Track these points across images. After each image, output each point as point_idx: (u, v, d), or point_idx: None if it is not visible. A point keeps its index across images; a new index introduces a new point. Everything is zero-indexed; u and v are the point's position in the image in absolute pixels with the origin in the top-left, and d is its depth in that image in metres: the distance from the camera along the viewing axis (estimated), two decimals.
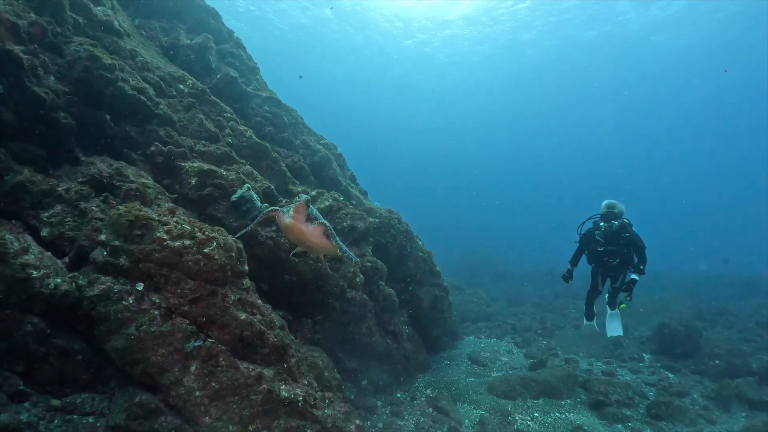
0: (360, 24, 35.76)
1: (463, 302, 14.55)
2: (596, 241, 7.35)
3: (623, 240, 7.14)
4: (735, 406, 7.54)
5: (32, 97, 3.70)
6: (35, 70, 3.74)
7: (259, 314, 3.91)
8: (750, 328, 13.21)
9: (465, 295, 15.35)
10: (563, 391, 7.60)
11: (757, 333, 12.66)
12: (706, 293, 19.34)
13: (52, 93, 3.88)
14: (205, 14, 7.52)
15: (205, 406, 3.35)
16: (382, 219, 7.80)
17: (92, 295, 3.10)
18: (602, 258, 7.43)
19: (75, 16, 4.72)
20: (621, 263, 7.38)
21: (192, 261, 3.41)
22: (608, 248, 7.26)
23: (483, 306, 14.83)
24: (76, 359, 3.18)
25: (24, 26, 3.89)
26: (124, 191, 3.84)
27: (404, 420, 6.17)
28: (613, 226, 7.06)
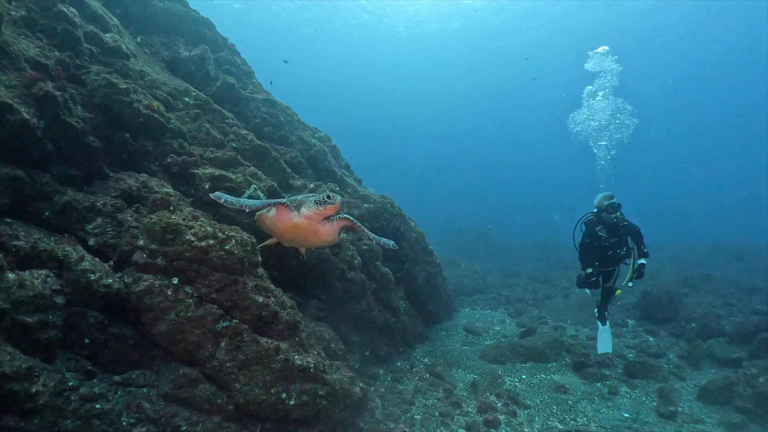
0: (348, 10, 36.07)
1: (458, 277, 15.29)
2: (599, 237, 7.31)
3: (623, 229, 7.24)
4: (706, 364, 8.26)
5: (67, 127, 4.35)
6: (67, 103, 4.38)
7: (273, 297, 4.67)
8: (731, 293, 13.99)
9: (460, 270, 16.07)
10: (549, 355, 8.38)
11: (736, 297, 13.45)
12: (694, 261, 20.18)
13: (81, 121, 4.53)
14: (200, 26, 8.02)
15: (234, 374, 4.14)
16: (376, 204, 8.46)
17: (139, 291, 3.85)
18: (608, 252, 7.38)
19: (90, 47, 5.32)
20: (626, 252, 7.44)
21: (216, 257, 4.15)
22: (612, 241, 7.29)
23: (478, 280, 15.57)
24: (128, 343, 3.93)
25: (52, 65, 4.51)
26: (151, 201, 4.54)
27: (404, 385, 6.97)
28: (620, 216, 7.11)
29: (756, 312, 11.25)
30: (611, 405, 6.74)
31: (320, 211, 3.56)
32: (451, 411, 6.25)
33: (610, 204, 7.13)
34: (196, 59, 7.19)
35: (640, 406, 6.70)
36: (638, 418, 6.35)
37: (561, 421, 6.20)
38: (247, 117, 7.71)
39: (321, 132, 9.63)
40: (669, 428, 6.12)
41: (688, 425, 6.20)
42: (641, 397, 7.04)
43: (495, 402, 6.60)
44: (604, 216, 7.21)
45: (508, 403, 6.59)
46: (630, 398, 6.99)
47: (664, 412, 6.41)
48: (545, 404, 6.66)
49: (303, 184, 7.11)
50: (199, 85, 7.17)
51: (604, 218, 7.22)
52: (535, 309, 12.50)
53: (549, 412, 6.45)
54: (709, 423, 6.28)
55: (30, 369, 3.13)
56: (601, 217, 7.29)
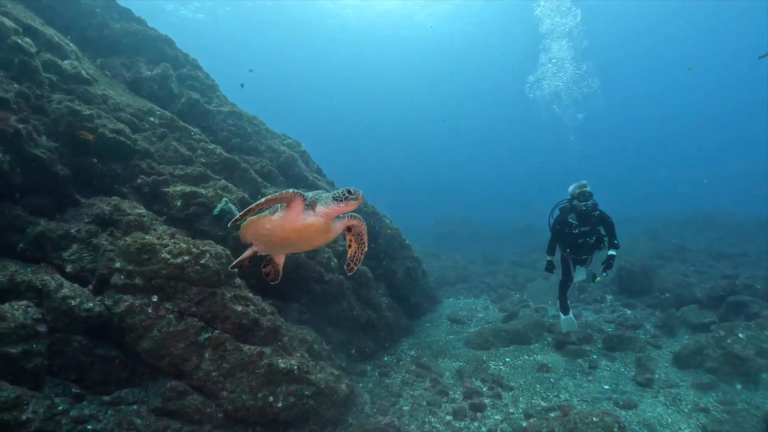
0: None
1: (440, 268, 15.54)
2: (570, 225, 7.40)
3: (595, 218, 7.29)
4: (680, 331, 8.61)
5: (33, 159, 4.42)
6: (31, 134, 4.45)
7: (252, 305, 4.83)
8: (702, 260, 14.56)
9: (442, 261, 16.33)
10: (532, 337, 8.64)
11: (708, 264, 14.01)
12: (668, 233, 20.82)
13: (47, 151, 4.60)
14: (160, 43, 8.06)
15: (221, 383, 4.28)
16: None
17: (120, 311, 3.97)
18: (578, 240, 7.47)
19: (49, 76, 5.36)
20: (596, 241, 7.54)
21: (192, 271, 4.28)
22: (582, 229, 7.36)
23: (460, 269, 15.85)
24: (115, 363, 4.05)
25: (12, 98, 4.56)
26: (125, 223, 4.64)
27: (391, 378, 7.15)
28: (589, 205, 7.16)
29: (725, 277, 11.80)
30: (592, 379, 7.02)
31: (339, 208, 3.12)
32: (439, 399, 6.45)
33: (581, 192, 7.19)
34: (159, 78, 7.24)
35: (619, 377, 7.00)
36: (617, 388, 6.64)
37: (544, 399, 6.45)
38: (214, 130, 7.78)
39: (290, 138, 9.73)
40: (646, 395, 6.42)
41: (664, 390, 6.51)
42: (620, 368, 7.33)
43: (480, 387, 6.82)
44: (575, 204, 7.29)
45: (493, 387, 6.82)
46: (610, 371, 7.27)
47: (641, 381, 6.72)
48: (529, 384, 6.90)
49: (275, 191, 7.22)
50: (163, 103, 7.23)
51: (575, 206, 7.31)
52: (517, 293, 12.82)
53: (533, 391, 6.70)
54: (683, 386, 6.61)
55: (18, 398, 3.23)
56: (573, 205, 7.38)
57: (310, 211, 3.15)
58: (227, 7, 35.36)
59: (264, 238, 3.48)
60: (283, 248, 3.75)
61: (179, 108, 7.37)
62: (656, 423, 5.67)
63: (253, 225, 3.37)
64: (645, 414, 5.89)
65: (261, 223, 3.31)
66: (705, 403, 6.05)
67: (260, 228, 3.36)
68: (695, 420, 5.71)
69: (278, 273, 3.92)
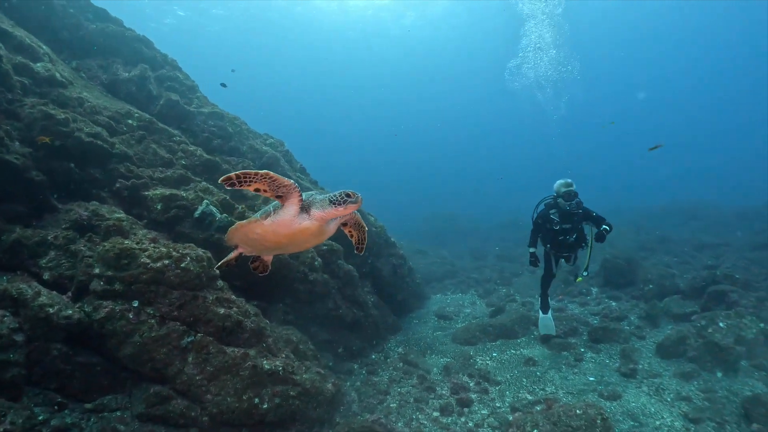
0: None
1: (427, 264, 15.59)
2: (551, 221, 7.42)
3: (577, 216, 7.28)
4: (663, 321, 8.72)
5: (6, 165, 4.34)
6: (3, 140, 4.37)
7: (235, 307, 4.80)
8: (685, 251, 14.81)
9: (429, 258, 16.37)
10: (518, 331, 8.69)
11: (690, 255, 14.27)
12: (652, 225, 21.09)
13: (21, 156, 4.52)
14: (137, 44, 7.93)
15: (205, 386, 4.26)
16: None
17: (100, 318, 3.92)
18: (558, 237, 7.49)
19: (20, 79, 5.25)
20: (576, 239, 7.53)
21: (173, 275, 4.24)
22: (563, 226, 7.37)
23: (447, 265, 15.91)
24: (96, 370, 4.00)
25: None
26: (104, 228, 4.58)
27: (379, 376, 7.16)
28: (573, 205, 7.16)
29: (706, 267, 12.00)
30: (577, 371, 7.10)
31: (337, 211, 2.97)
32: (426, 396, 6.48)
33: (566, 192, 7.18)
34: (137, 79, 7.15)
35: (603, 369, 7.08)
36: (602, 379, 6.73)
37: (530, 392, 6.51)
38: (195, 132, 7.70)
39: (273, 138, 9.68)
40: (630, 385, 6.52)
41: (648, 380, 6.62)
42: (605, 360, 7.42)
43: (467, 382, 6.86)
44: (559, 202, 7.30)
45: (480, 382, 6.86)
46: (595, 362, 7.35)
47: (625, 371, 6.82)
48: (515, 378, 6.96)
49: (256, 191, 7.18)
50: (142, 105, 7.14)
51: (559, 204, 7.32)
52: (504, 287, 12.91)
53: (519, 385, 6.76)
54: (666, 375, 6.72)
55: None
56: (557, 202, 7.39)
57: (304, 214, 3.01)
58: (212, 8, 35.03)
59: (253, 242, 3.37)
60: (273, 251, 3.67)
61: (158, 110, 7.28)
62: (640, 413, 5.77)
63: (242, 229, 3.23)
64: (629, 404, 5.98)
65: (251, 228, 3.17)
66: (687, 392, 6.17)
67: (250, 233, 3.23)
68: (677, 408, 5.82)
69: (267, 267, 3.91)
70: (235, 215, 6.10)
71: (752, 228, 17.64)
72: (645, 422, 5.58)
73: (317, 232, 3.17)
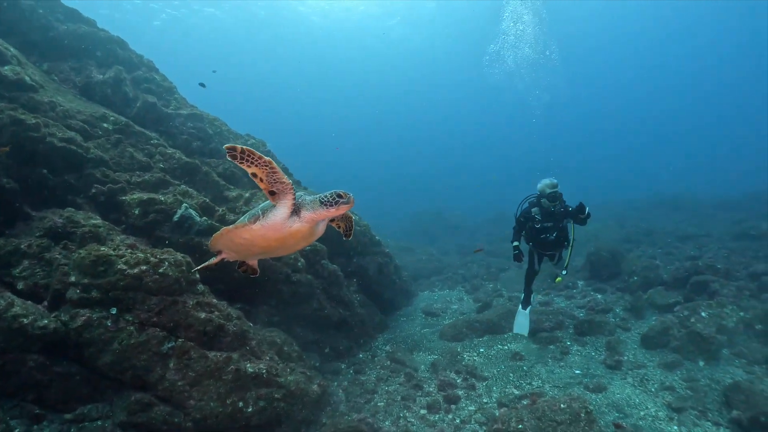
0: None
1: (414, 262, 15.60)
2: (533, 218, 7.52)
3: (559, 215, 7.37)
4: (648, 312, 8.82)
5: None
6: None
7: (216, 311, 4.74)
8: (669, 242, 14.97)
9: (416, 255, 16.37)
10: (505, 326, 8.69)
11: (674, 246, 14.41)
12: (636, 217, 21.35)
13: None
14: (111, 45, 7.78)
15: (188, 392, 4.20)
16: None
17: (77, 327, 3.83)
18: (540, 235, 7.59)
19: None
20: (558, 238, 7.61)
21: (151, 281, 4.17)
22: (545, 224, 7.46)
23: (434, 261, 15.94)
24: (75, 379, 3.91)
25: None
26: (79, 235, 4.48)
27: (366, 375, 7.14)
28: (557, 206, 7.27)
29: (689, 258, 12.17)
30: (563, 364, 7.14)
31: (329, 212, 2.90)
32: (413, 393, 6.48)
33: (551, 193, 7.22)
34: (112, 82, 7.01)
35: (589, 362, 7.14)
36: (588, 372, 6.79)
37: (517, 387, 6.54)
38: (173, 134, 7.59)
39: (254, 138, 9.58)
40: (615, 377, 6.59)
41: (633, 371, 6.69)
42: (591, 352, 7.48)
43: (454, 379, 6.87)
44: (543, 202, 7.37)
45: (467, 378, 6.87)
46: (581, 355, 7.41)
47: (610, 363, 6.89)
48: (502, 373, 6.98)
49: (238, 194, 7.10)
50: (118, 108, 7.01)
51: (543, 204, 7.40)
52: (491, 283, 12.96)
53: (506, 380, 6.78)
54: (650, 366, 6.80)
55: None
56: (540, 202, 7.46)
57: (295, 216, 2.93)
58: (195, 7, 34.61)
59: (240, 247, 3.26)
60: (260, 255, 3.59)
61: (135, 112, 7.15)
62: (624, 404, 5.83)
63: (228, 235, 3.10)
64: (614, 396, 6.04)
65: (238, 233, 3.05)
66: (670, 382, 6.25)
67: (236, 238, 3.11)
68: (661, 398, 5.90)
69: (255, 269, 3.82)
70: (216, 218, 6.04)
71: (733, 218, 17.93)
72: (630, 413, 5.64)
73: (308, 234, 3.10)
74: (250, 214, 3.02)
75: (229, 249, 3.37)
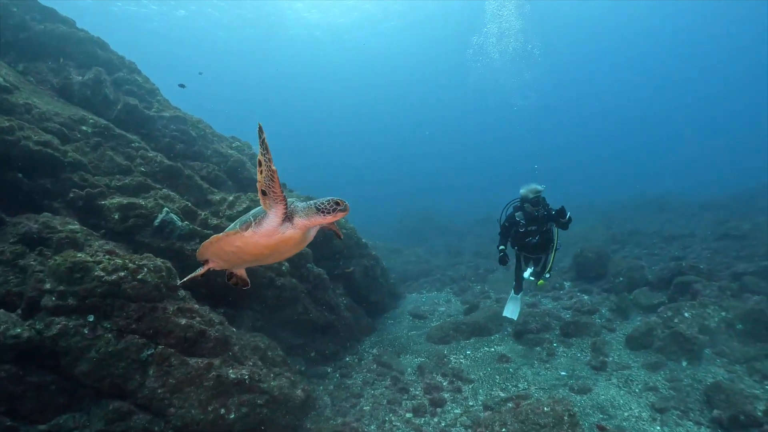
0: None
1: (402, 263, 15.57)
2: (517, 223, 7.55)
3: (542, 218, 7.41)
4: (633, 313, 8.93)
5: None
6: None
7: (198, 317, 4.67)
8: (654, 243, 15.16)
9: (404, 257, 16.35)
10: (492, 328, 8.77)
11: (659, 246, 14.60)
12: (623, 217, 21.55)
13: None
14: (91, 46, 7.64)
15: (168, 399, 4.12)
16: None
17: (52, 335, 3.74)
18: (525, 238, 7.61)
19: None
20: (542, 241, 7.62)
21: (130, 288, 4.09)
22: (529, 228, 7.49)
23: (422, 263, 15.92)
24: (51, 389, 3.81)
25: None
26: (56, 241, 4.38)
27: (352, 379, 7.11)
28: (542, 211, 7.32)
29: (673, 258, 12.32)
30: (549, 366, 7.18)
31: (324, 219, 2.83)
32: (399, 397, 6.46)
33: (535, 198, 7.27)
34: (91, 83, 6.88)
35: (575, 363, 7.18)
36: (573, 374, 6.82)
37: (503, 390, 6.55)
38: (156, 137, 7.47)
39: (239, 141, 9.49)
40: (600, 378, 6.63)
41: (617, 372, 6.75)
42: (576, 354, 7.53)
43: (441, 381, 6.87)
44: (526, 206, 7.41)
45: (453, 381, 6.88)
46: (567, 357, 7.45)
47: (596, 365, 6.94)
48: (488, 376, 6.99)
49: (222, 197, 7.02)
50: (98, 110, 6.89)
51: (526, 208, 7.44)
52: (479, 284, 12.98)
53: (492, 382, 6.79)
54: (635, 367, 6.86)
55: None
56: (523, 207, 7.50)
57: (287, 223, 2.84)
58: (181, 8, 34.29)
59: (230, 255, 3.16)
60: (250, 263, 3.51)
61: (116, 115, 7.03)
62: (609, 405, 5.86)
63: (217, 243, 3.02)
64: (599, 397, 6.08)
65: (229, 241, 2.97)
66: (654, 382, 6.31)
67: (226, 246, 3.02)
68: (645, 399, 5.95)
69: (246, 280, 3.70)
70: (198, 222, 5.95)
71: (716, 218, 18.18)
72: (614, 414, 5.68)
73: (300, 241, 3.02)
74: (241, 221, 2.93)
75: (219, 258, 3.26)
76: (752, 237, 13.45)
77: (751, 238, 13.45)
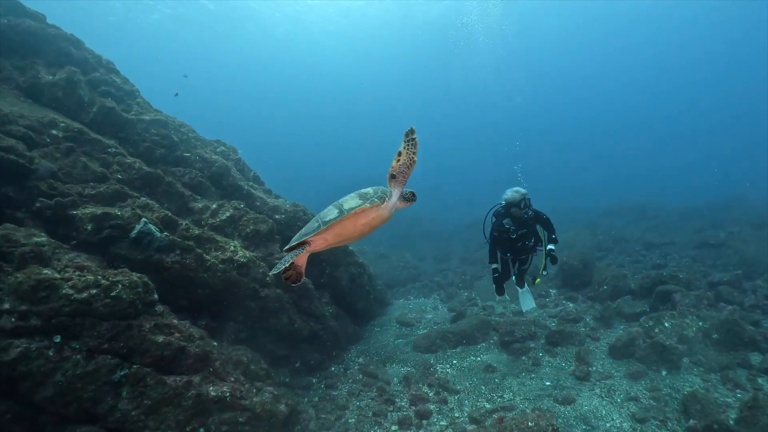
0: None
1: (390, 269, 15.41)
2: (507, 230, 7.27)
3: (531, 220, 7.21)
4: (616, 322, 8.99)
5: None
6: None
7: (176, 332, 4.47)
8: (637, 250, 15.42)
9: (391, 262, 16.17)
10: (478, 337, 8.72)
11: (641, 254, 14.86)
12: (608, 224, 21.84)
13: None
14: (64, 43, 7.26)
15: (142, 421, 3.93)
16: (288, 214, 8.25)
17: (10, 360, 3.46)
18: (516, 244, 7.39)
19: None
20: (534, 242, 7.47)
21: (102, 306, 3.88)
22: (520, 232, 7.25)
23: (410, 269, 15.77)
24: (7, 418, 3.54)
25: None
26: (18, 255, 4.05)
27: (338, 390, 6.97)
28: (530, 213, 7.12)
29: (655, 266, 12.54)
30: (534, 376, 7.16)
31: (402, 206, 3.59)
32: (384, 409, 6.35)
33: (521, 200, 7.05)
34: (63, 84, 6.54)
35: (559, 373, 7.17)
36: (558, 384, 6.81)
37: (489, 400, 6.50)
38: (135, 141, 7.17)
39: (224, 145, 9.22)
40: (584, 388, 6.63)
41: (600, 382, 6.76)
42: (561, 363, 7.52)
43: (427, 392, 6.78)
44: (513, 210, 7.12)
45: (439, 392, 6.80)
46: (551, 366, 7.44)
47: (579, 374, 6.94)
48: (474, 386, 6.94)
49: (205, 205, 6.80)
50: (71, 112, 6.56)
51: (513, 212, 7.15)
52: (466, 291, 12.92)
53: (478, 393, 6.74)
54: (618, 376, 6.89)
55: None
56: (510, 211, 7.20)
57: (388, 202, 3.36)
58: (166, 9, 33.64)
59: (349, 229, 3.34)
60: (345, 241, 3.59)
61: (91, 118, 6.70)
62: (591, 416, 5.87)
63: (352, 218, 3.21)
64: (582, 408, 6.08)
65: (366, 214, 3.25)
66: (635, 392, 6.36)
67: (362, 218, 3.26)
68: (626, 409, 6.00)
69: (301, 275, 3.69)
70: (178, 233, 5.72)
71: (694, 226, 18.59)
72: (596, 425, 5.69)
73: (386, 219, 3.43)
74: (369, 198, 3.25)
75: (337, 235, 3.36)
76: (727, 246, 13.82)
77: (726, 246, 13.82)
